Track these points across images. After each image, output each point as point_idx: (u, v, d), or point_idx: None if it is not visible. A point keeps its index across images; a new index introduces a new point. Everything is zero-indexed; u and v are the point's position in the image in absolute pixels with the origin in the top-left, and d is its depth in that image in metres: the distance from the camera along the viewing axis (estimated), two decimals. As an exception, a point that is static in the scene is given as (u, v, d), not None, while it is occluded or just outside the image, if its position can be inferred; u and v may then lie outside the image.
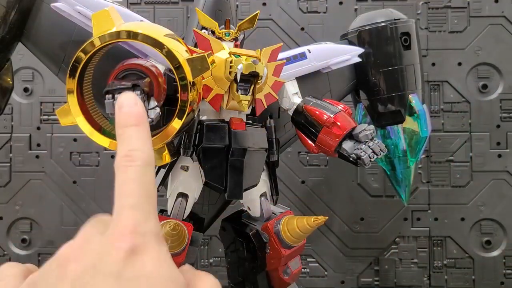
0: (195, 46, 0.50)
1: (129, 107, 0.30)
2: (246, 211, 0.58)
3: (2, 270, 0.28)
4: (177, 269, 0.25)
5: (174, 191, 0.53)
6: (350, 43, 0.68)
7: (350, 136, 0.55)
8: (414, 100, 0.67)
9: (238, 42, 0.53)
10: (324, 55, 0.61)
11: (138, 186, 0.26)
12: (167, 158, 0.47)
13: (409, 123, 0.68)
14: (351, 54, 0.64)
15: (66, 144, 0.91)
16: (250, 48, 0.52)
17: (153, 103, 0.41)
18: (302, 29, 0.92)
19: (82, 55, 0.41)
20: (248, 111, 0.52)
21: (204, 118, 0.52)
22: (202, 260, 0.91)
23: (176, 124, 0.42)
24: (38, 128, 0.91)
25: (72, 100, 0.42)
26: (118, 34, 0.41)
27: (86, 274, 0.23)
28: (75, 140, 0.91)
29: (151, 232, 0.25)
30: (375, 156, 0.53)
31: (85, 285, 0.23)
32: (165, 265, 0.24)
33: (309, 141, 0.57)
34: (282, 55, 0.57)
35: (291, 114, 0.58)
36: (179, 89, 0.42)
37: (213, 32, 0.52)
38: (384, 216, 0.91)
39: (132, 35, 0.41)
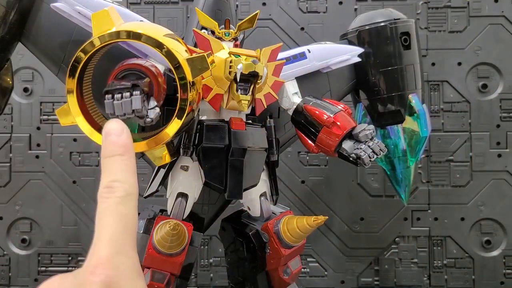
0: (195, 46, 0.50)
1: (116, 136, 0.29)
2: (246, 211, 0.58)
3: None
4: None
5: (174, 191, 0.53)
6: (350, 43, 0.68)
7: (350, 136, 0.55)
8: (414, 100, 0.67)
9: (238, 42, 0.53)
10: (324, 55, 0.61)
11: (115, 218, 0.26)
12: (167, 158, 0.47)
13: (409, 123, 0.68)
14: (351, 54, 0.64)
15: (66, 144, 0.91)
16: (250, 48, 0.52)
17: (152, 103, 0.41)
18: (302, 29, 0.92)
19: (82, 55, 0.41)
20: (248, 111, 0.52)
21: (204, 118, 0.52)
22: (202, 260, 0.91)
23: (176, 124, 0.42)
24: (38, 128, 0.91)
25: (72, 100, 0.42)
26: (118, 34, 0.41)
27: None
28: (75, 140, 0.91)
29: (125, 264, 0.24)
30: (375, 156, 0.53)
31: None
32: None
33: (309, 141, 0.57)
34: (282, 55, 0.57)
35: (291, 114, 0.58)
36: (179, 89, 0.41)
37: (213, 32, 0.52)
38: (384, 216, 0.91)
39: (132, 35, 0.41)
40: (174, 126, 0.43)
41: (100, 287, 0.23)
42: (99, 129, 0.43)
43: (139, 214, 0.50)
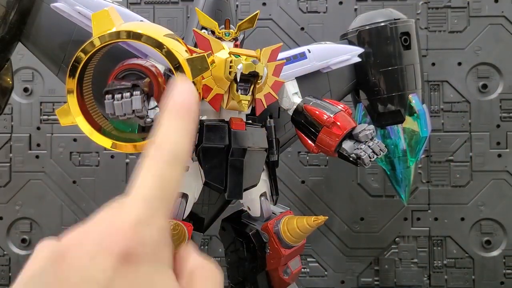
0: (195, 46, 0.50)
1: (182, 96, 0.26)
2: (246, 211, 0.58)
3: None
4: (176, 281, 0.22)
5: (174, 191, 0.53)
6: (350, 43, 0.68)
7: (350, 136, 0.55)
8: (414, 100, 0.67)
9: (238, 42, 0.53)
10: (324, 55, 0.61)
11: (156, 180, 0.23)
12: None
13: (409, 123, 0.68)
14: (351, 54, 0.64)
15: (66, 144, 0.91)
16: (250, 48, 0.52)
17: (153, 103, 0.41)
18: (302, 29, 0.92)
19: (82, 55, 0.41)
20: (248, 111, 0.52)
21: (204, 118, 0.52)
22: (202, 260, 0.91)
23: None
24: (38, 128, 0.91)
25: (72, 100, 0.42)
26: (118, 34, 0.41)
27: (75, 279, 0.20)
28: (75, 140, 0.91)
29: (153, 237, 0.21)
30: (375, 156, 0.53)
31: None
32: (162, 280, 0.21)
33: (309, 141, 0.57)
34: (282, 55, 0.57)
35: (291, 114, 0.58)
36: None
37: (213, 32, 0.52)
38: (384, 216, 0.91)
39: (132, 35, 0.41)
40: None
41: (115, 261, 0.20)
42: (99, 129, 0.43)
43: None
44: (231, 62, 0.48)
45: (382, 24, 0.66)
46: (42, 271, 0.21)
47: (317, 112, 0.55)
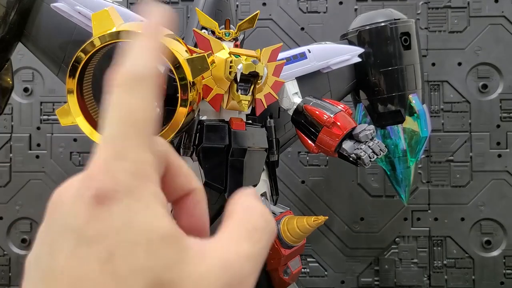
0: (195, 46, 0.50)
1: (151, 19, 0.23)
2: (246, 211, 0.58)
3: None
4: (169, 219, 0.19)
5: (174, 191, 0.53)
6: (350, 43, 0.68)
7: (350, 136, 0.55)
8: (414, 100, 0.67)
9: (238, 42, 0.53)
10: (324, 55, 0.62)
11: (118, 113, 0.20)
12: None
13: (409, 123, 0.68)
14: (351, 54, 0.64)
15: (66, 144, 0.91)
16: (250, 48, 0.52)
17: (153, 103, 0.41)
18: (302, 29, 0.92)
19: (82, 55, 0.41)
20: (248, 111, 0.52)
21: (204, 118, 0.52)
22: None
23: (176, 123, 0.42)
24: (38, 128, 0.91)
25: (72, 100, 0.42)
26: (118, 34, 0.41)
27: (55, 230, 0.19)
28: (75, 140, 0.91)
29: (125, 170, 0.19)
30: (375, 156, 0.53)
31: (52, 244, 0.19)
32: (141, 214, 0.19)
33: (309, 141, 0.57)
34: (282, 55, 0.57)
35: (291, 114, 0.58)
36: (179, 89, 0.41)
37: (213, 32, 0.52)
38: (384, 216, 0.91)
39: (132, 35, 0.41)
40: (174, 125, 0.43)
41: (89, 204, 0.18)
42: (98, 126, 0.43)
43: None
44: (231, 62, 0.48)
45: (382, 24, 0.66)
46: (43, 223, 0.20)
47: (317, 112, 0.55)
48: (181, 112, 0.42)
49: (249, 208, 0.22)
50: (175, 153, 0.23)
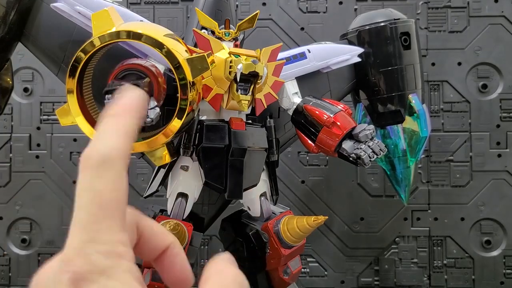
0: (195, 46, 0.50)
1: (127, 98, 0.25)
2: (246, 211, 0.58)
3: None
4: None
5: (174, 191, 0.53)
6: (350, 43, 0.68)
7: (350, 136, 0.55)
8: (414, 100, 0.67)
9: (238, 42, 0.53)
10: (324, 55, 0.62)
11: (87, 197, 0.21)
12: (167, 158, 0.47)
13: (409, 123, 0.68)
14: (351, 54, 0.64)
15: (66, 144, 0.91)
16: (250, 48, 0.52)
17: (152, 103, 0.41)
18: (302, 29, 0.92)
19: (82, 55, 0.41)
20: (248, 111, 0.52)
21: (204, 118, 0.52)
22: (202, 260, 0.91)
23: (176, 123, 0.42)
24: (38, 128, 0.91)
25: (72, 100, 0.42)
26: (118, 34, 0.41)
27: None
28: (75, 140, 0.91)
29: (99, 253, 0.20)
30: (375, 156, 0.53)
31: None
32: None
33: (309, 141, 0.57)
34: (282, 55, 0.57)
35: (291, 114, 0.58)
36: (179, 89, 0.41)
37: (213, 32, 0.52)
38: (384, 216, 0.91)
39: (132, 35, 0.41)
40: (174, 125, 0.43)
41: (69, 286, 0.19)
42: None
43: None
44: (231, 62, 0.48)
45: (382, 24, 0.66)
46: None
47: (317, 112, 0.55)
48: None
49: (222, 272, 0.23)
50: (143, 216, 0.25)
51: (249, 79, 0.49)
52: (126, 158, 0.22)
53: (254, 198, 0.55)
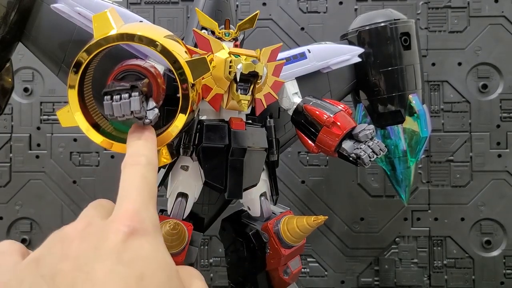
0: (195, 46, 0.50)
1: (141, 128, 0.38)
2: (246, 211, 0.58)
3: (2, 245, 0.29)
4: (170, 256, 0.27)
5: (174, 191, 0.53)
6: (350, 43, 0.68)
7: (350, 135, 0.55)
8: (414, 100, 0.67)
9: (238, 42, 0.53)
10: (324, 55, 0.61)
11: (141, 181, 0.29)
12: (167, 158, 0.47)
13: (409, 123, 0.68)
14: (351, 54, 0.64)
15: (66, 144, 0.91)
16: (250, 48, 0.52)
17: (151, 104, 0.41)
18: (302, 29, 0.92)
19: (85, 55, 0.41)
20: (248, 111, 0.52)
21: (204, 118, 0.52)
22: (202, 260, 0.91)
23: (179, 123, 0.42)
24: (38, 128, 0.91)
25: (73, 94, 0.41)
26: (121, 36, 0.41)
27: (88, 254, 0.25)
28: (75, 140, 0.91)
29: (149, 219, 0.27)
30: (375, 156, 0.53)
31: (86, 264, 0.24)
32: (160, 250, 0.26)
33: (309, 141, 0.57)
34: (282, 55, 0.57)
35: (291, 114, 0.58)
36: (178, 82, 0.41)
37: (213, 32, 0.52)
38: (384, 216, 0.91)
39: (126, 36, 0.41)
40: (177, 124, 0.42)
41: (124, 236, 0.25)
42: (98, 128, 0.43)
43: None
44: (230, 62, 0.48)
45: (382, 24, 0.66)
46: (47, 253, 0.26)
47: (317, 112, 0.55)
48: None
49: None
50: None
51: (249, 79, 0.49)
52: (157, 166, 0.33)
53: (254, 198, 0.55)
